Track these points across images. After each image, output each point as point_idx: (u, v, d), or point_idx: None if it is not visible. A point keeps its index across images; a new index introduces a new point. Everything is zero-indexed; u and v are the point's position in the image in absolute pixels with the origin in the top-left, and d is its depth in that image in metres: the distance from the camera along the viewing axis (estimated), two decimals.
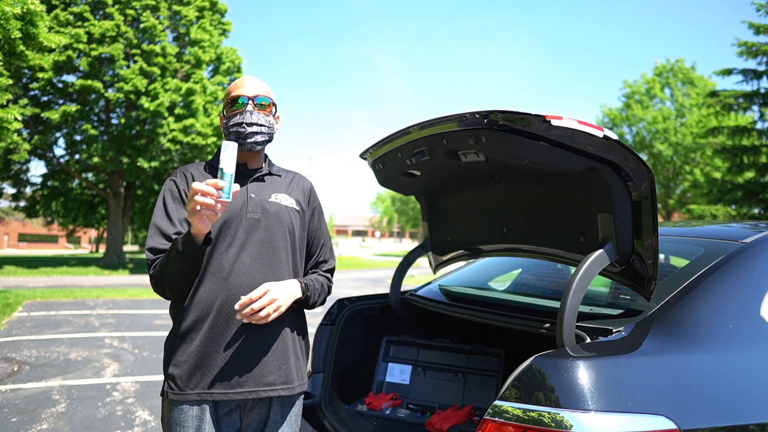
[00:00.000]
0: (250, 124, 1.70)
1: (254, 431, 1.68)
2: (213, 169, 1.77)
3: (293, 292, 1.67)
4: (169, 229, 1.66)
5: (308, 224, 1.86)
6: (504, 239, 2.09)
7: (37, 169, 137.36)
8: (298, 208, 1.80)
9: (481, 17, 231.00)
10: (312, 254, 1.89)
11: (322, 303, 1.84)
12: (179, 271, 1.58)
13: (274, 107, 1.79)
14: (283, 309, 1.61)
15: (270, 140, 1.78)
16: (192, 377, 1.60)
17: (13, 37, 9.23)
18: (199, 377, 1.60)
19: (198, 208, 1.44)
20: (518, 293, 2.47)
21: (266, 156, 1.86)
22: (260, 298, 1.55)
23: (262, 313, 1.55)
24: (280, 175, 1.84)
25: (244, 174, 1.76)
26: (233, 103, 1.73)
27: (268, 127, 1.75)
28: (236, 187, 1.51)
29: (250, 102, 1.72)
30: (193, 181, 1.71)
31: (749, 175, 19.09)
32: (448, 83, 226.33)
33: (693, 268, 1.68)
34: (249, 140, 1.71)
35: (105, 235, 31.88)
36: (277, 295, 1.59)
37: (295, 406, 1.75)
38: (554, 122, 1.40)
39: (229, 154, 1.47)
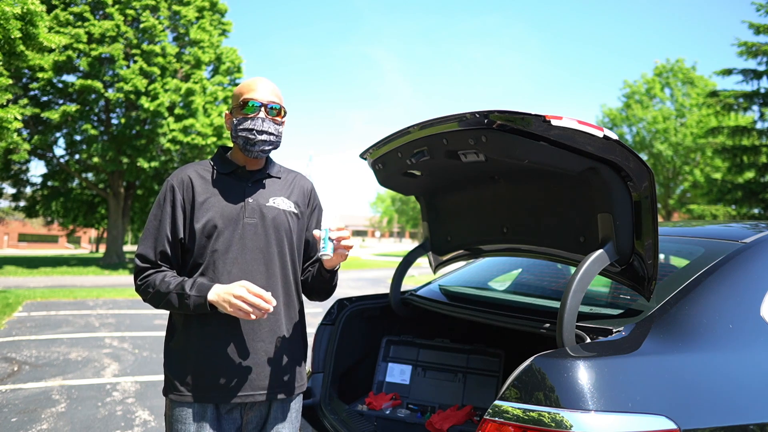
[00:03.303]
0: (261, 132, 1.68)
1: (255, 428, 1.70)
2: (221, 176, 1.73)
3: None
4: (161, 242, 1.66)
5: (308, 223, 1.85)
6: (504, 239, 2.09)
7: (37, 169, 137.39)
8: (296, 212, 1.79)
9: (483, 16, 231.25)
10: (313, 253, 1.88)
11: (329, 294, 1.85)
12: (174, 309, 1.63)
13: (284, 113, 1.76)
14: (346, 255, 1.67)
15: (276, 147, 1.76)
16: (191, 380, 1.62)
17: (13, 37, 9.23)
18: (197, 380, 1.62)
19: (244, 308, 1.51)
20: (518, 293, 2.47)
21: (269, 158, 1.84)
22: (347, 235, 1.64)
23: (345, 243, 1.62)
24: (279, 177, 1.82)
25: (243, 177, 1.75)
26: (244, 106, 1.68)
27: (276, 135, 1.73)
28: (331, 240, 1.61)
29: (263, 108, 1.69)
30: (192, 187, 1.69)
31: (749, 175, 19.08)
32: (449, 82, 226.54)
33: (693, 268, 1.68)
34: (256, 148, 1.69)
35: (105, 235, 31.88)
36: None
37: (294, 402, 1.77)
38: (554, 122, 1.40)
39: (331, 218, 1.67)
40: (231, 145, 1.84)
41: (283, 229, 1.73)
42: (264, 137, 1.68)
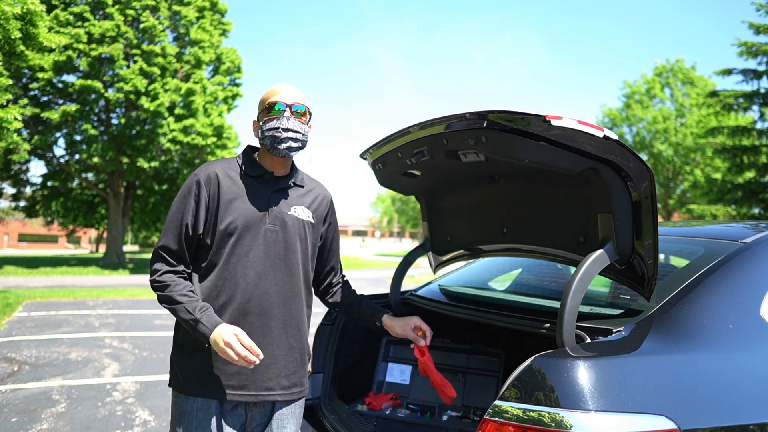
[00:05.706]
0: (286, 130, 1.72)
1: (258, 424, 1.74)
2: (248, 179, 1.75)
3: None
4: (183, 236, 1.68)
5: (323, 236, 1.92)
6: (504, 239, 2.09)
7: (37, 169, 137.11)
8: (314, 222, 1.85)
9: (484, 15, 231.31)
10: (327, 263, 1.98)
11: None
12: (178, 318, 1.65)
13: (309, 115, 1.81)
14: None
15: (303, 147, 1.79)
16: (197, 375, 1.66)
17: (13, 37, 9.23)
18: (203, 376, 1.66)
19: (229, 355, 1.52)
20: (518, 293, 2.47)
21: (293, 164, 1.88)
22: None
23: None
24: (303, 186, 1.87)
25: (270, 182, 1.78)
26: (270, 110, 1.73)
27: (303, 134, 1.76)
28: None
29: (288, 109, 1.73)
30: (218, 185, 1.70)
31: (749, 175, 19.08)
32: (451, 81, 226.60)
33: (693, 268, 1.68)
34: (283, 145, 1.72)
35: (105, 235, 31.87)
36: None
37: (298, 402, 1.82)
38: (554, 122, 1.40)
39: None
40: (256, 144, 1.86)
41: (300, 238, 1.79)
42: (290, 134, 1.72)
